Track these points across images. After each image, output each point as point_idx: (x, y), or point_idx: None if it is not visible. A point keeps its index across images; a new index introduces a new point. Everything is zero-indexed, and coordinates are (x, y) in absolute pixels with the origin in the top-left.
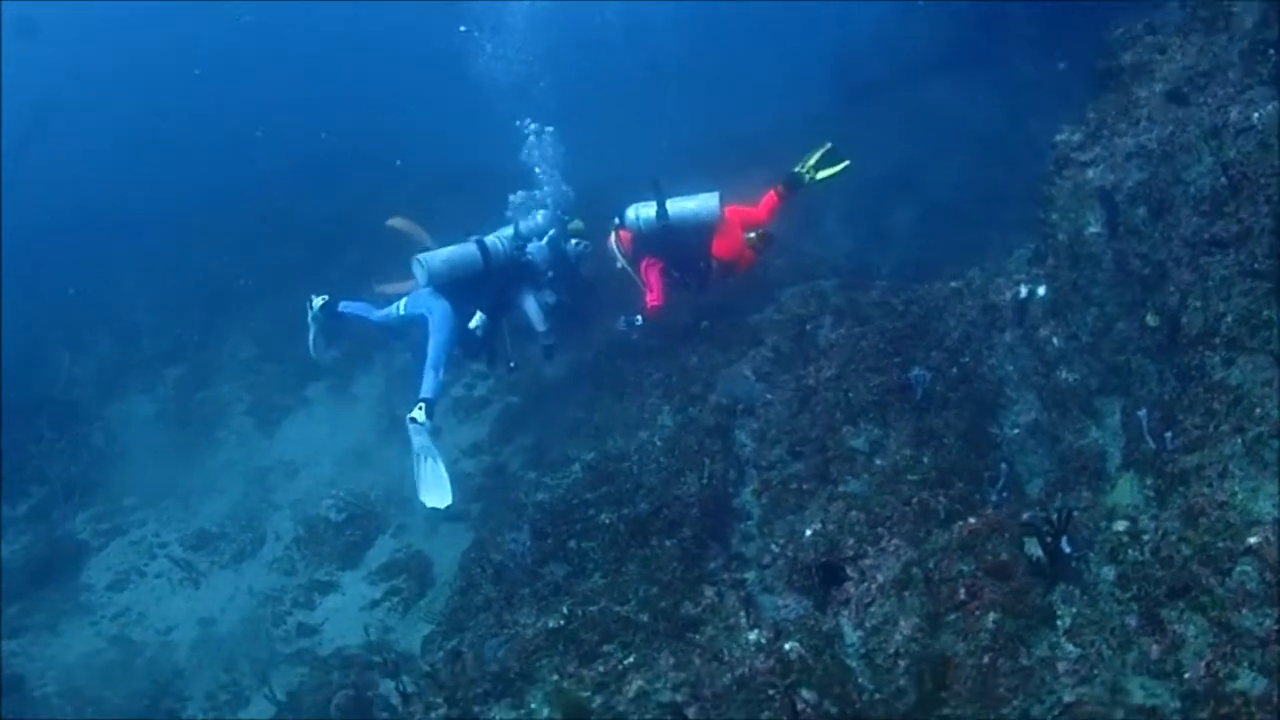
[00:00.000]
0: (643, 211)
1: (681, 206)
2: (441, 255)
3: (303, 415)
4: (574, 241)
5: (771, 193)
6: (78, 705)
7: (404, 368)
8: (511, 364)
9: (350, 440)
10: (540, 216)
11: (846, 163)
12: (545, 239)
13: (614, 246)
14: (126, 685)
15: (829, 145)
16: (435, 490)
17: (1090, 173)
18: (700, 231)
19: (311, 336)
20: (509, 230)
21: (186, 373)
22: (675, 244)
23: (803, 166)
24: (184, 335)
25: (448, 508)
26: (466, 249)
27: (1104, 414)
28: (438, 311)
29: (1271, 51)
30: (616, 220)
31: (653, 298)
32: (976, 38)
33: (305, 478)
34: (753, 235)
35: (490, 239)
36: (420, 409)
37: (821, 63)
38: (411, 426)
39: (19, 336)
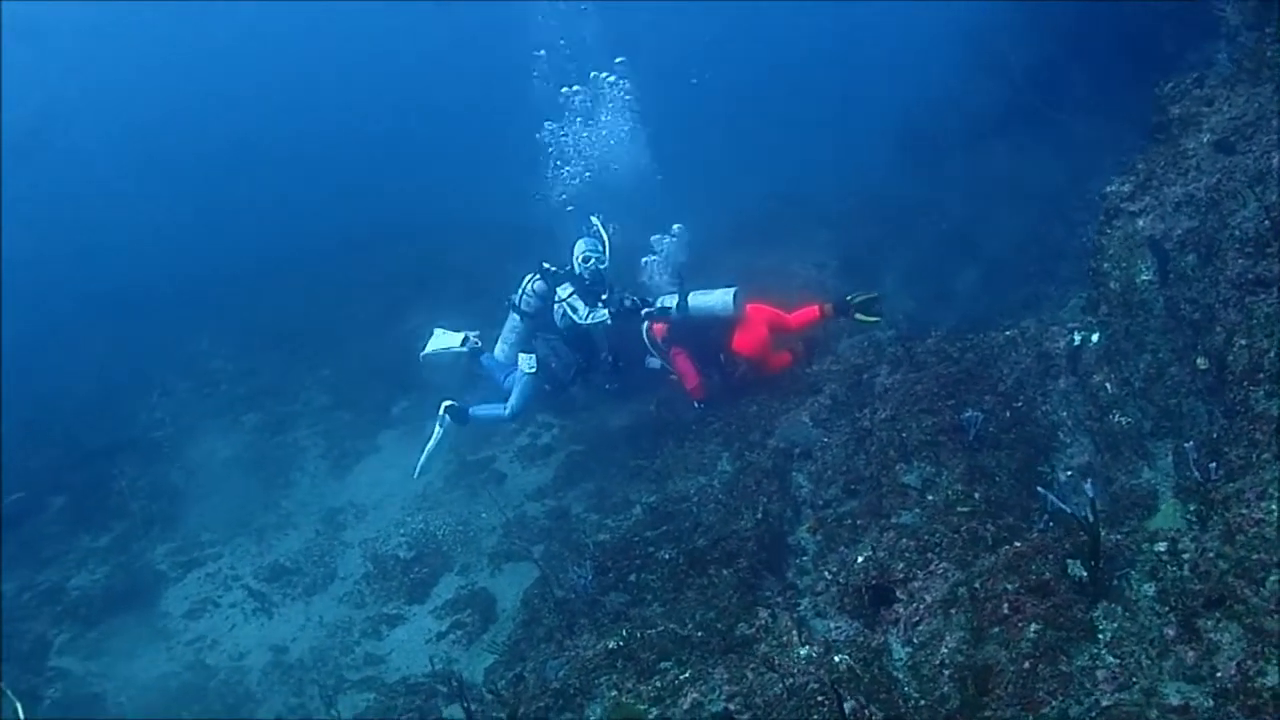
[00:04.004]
0: (667, 303)
1: (699, 300)
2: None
3: (374, 460)
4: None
5: (815, 308)
6: None
7: None
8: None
9: (419, 484)
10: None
11: (879, 319)
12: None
13: (647, 339)
14: (199, 706)
15: (878, 294)
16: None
17: (1140, 222)
18: (718, 326)
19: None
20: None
21: (263, 418)
22: (697, 335)
23: (853, 298)
24: (261, 383)
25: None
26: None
27: (1156, 455)
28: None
29: None
30: (648, 312)
31: (690, 382)
32: (1034, 100)
33: (375, 518)
34: (790, 340)
35: (519, 296)
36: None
37: (883, 126)
38: (439, 417)
39: (102, 382)
